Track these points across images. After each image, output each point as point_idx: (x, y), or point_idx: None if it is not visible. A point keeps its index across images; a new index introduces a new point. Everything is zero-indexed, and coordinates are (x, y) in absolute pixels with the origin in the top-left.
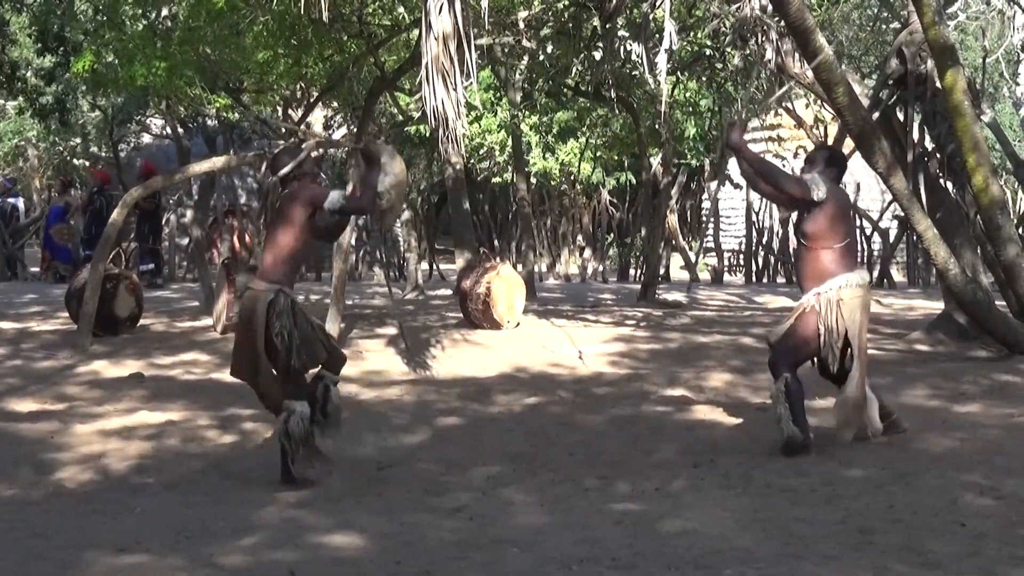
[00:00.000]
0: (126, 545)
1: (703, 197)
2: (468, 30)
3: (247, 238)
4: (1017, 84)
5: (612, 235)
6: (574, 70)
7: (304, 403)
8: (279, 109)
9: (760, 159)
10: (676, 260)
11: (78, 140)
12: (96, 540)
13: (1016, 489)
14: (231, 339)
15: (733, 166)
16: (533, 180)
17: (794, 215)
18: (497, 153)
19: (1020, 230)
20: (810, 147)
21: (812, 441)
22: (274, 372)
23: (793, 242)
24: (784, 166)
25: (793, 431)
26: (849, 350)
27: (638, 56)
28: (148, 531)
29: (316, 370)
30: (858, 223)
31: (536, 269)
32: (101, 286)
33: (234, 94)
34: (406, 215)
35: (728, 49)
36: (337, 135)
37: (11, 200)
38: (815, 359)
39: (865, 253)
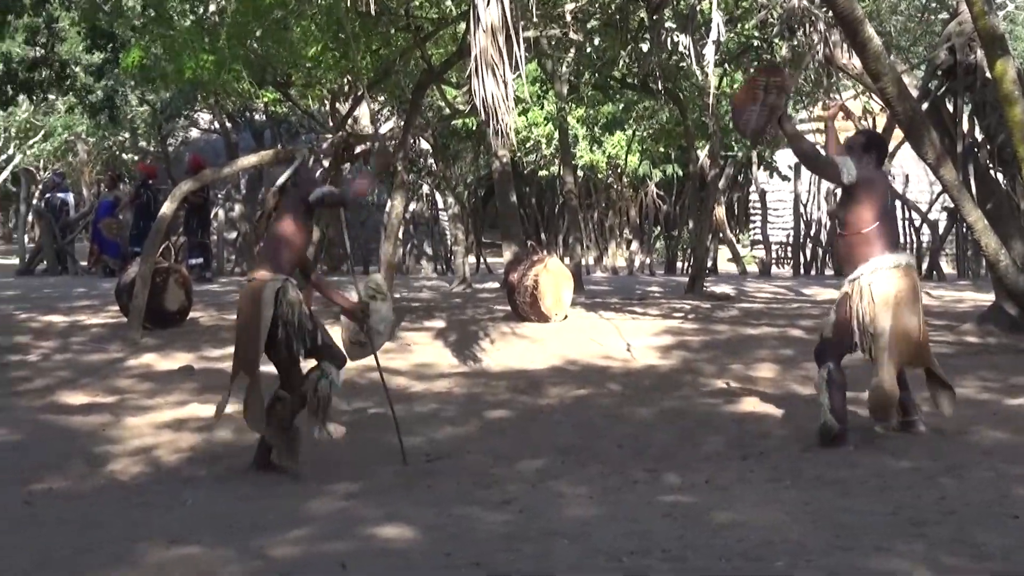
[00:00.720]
0: (177, 537)
1: (750, 189)
2: (516, 22)
3: None
4: None
5: (659, 227)
6: (621, 62)
7: (338, 372)
8: (326, 103)
9: (798, 136)
10: (723, 252)
11: (127, 135)
12: (147, 532)
13: None
14: None
15: (781, 158)
16: (580, 173)
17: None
18: (544, 146)
19: None
20: None
21: (849, 432)
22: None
23: None
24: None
25: (829, 420)
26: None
27: (685, 48)
28: (199, 523)
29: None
30: (907, 214)
31: (583, 262)
32: (151, 280)
33: (282, 88)
34: (454, 209)
35: (776, 40)
36: (384, 128)
37: (60, 195)
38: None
39: (914, 245)
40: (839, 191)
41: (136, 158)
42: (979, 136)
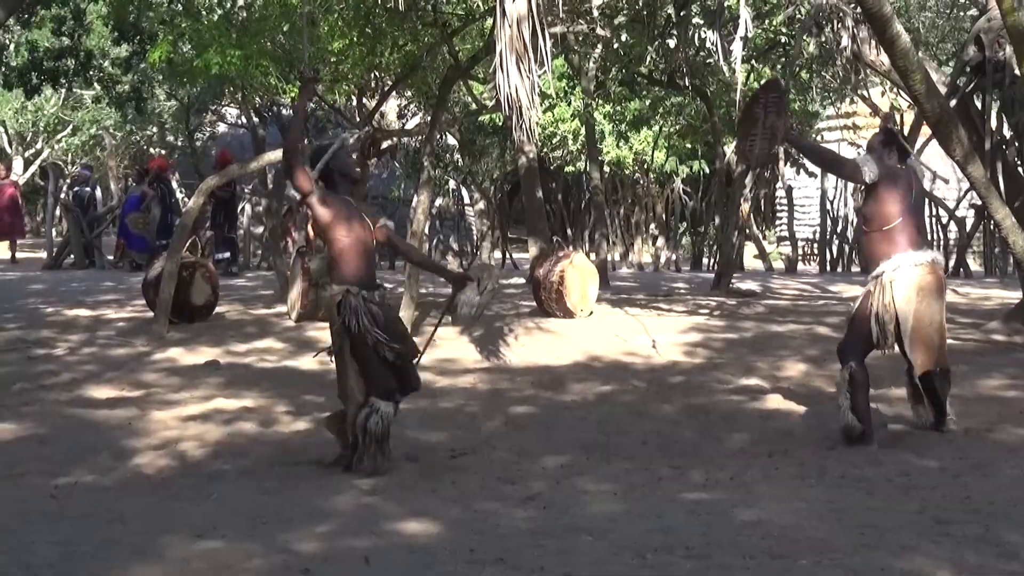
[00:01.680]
0: (202, 531)
1: (777, 186)
2: (542, 18)
3: None
4: None
5: (685, 224)
6: (648, 58)
7: (389, 403)
8: (353, 98)
9: (811, 145)
10: (750, 249)
11: (154, 130)
12: (172, 526)
13: None
14: (305, 327)
15: None
16: (606, 169)
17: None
18: (570, 142)
19: None
20: None
21: (872, 431)
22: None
23: None
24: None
25: (850, 420)
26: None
27: (713, 44)
28: (224, 517)
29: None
30: (934, 211)
31: (609, 258)
32: (178, 274)
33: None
34: (480, 204)
35: (804, 36)
36: (411, 124)
37: (88, 189)
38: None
39: (941, 242)
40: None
41: (163, 152)
42: (1008, 133)
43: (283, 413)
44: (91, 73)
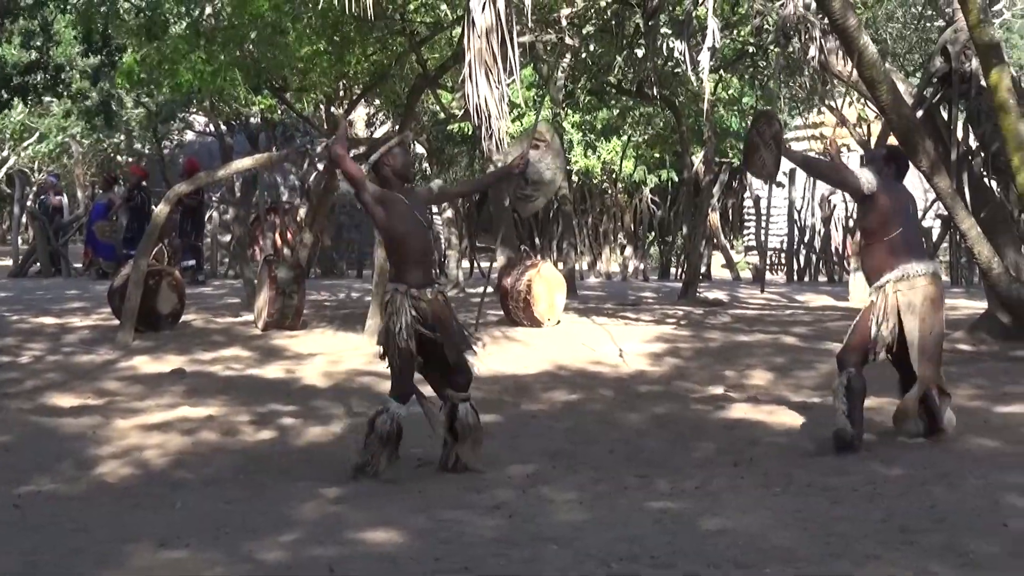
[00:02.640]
0: (166, 540)
1: (745, 195)
2: (511, 27)
3: (288, 235)
4: None
5: (653, 233)
6: (616, 68)
7: (401, 405)
8: (321, 107)
9: (808, 159)
10: (717, 258)
11: (122, 137)
12: (136, 535)
13: None
14: (272, 335)
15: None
16: (575, 178)
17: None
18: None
19: None
20: (853, 146)
21: (861, 440)
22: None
23: (835, 241)
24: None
25: (844, 424)
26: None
27: (681, 54)
28: (188, 526)
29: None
30: None
31: (577, 267)
32: (144, 282)
33: (277, 92)
34: (448, 213)
35: (771, 47)
36: (379, 133)
37: (55, 197)
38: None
39: None
40: (832, 197)
41: (131, 160)
42: (973, 144)
43: (248, 422)
44: (61, 87)
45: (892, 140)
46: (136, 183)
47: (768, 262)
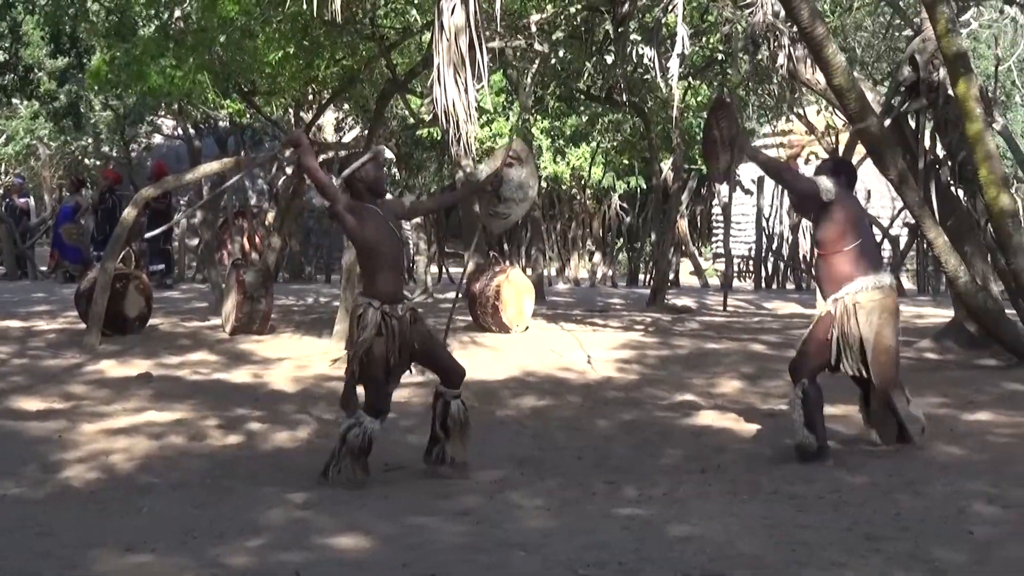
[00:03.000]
0: (132, 544)
1: (713, 202)
2: (480, 32)
3: (256, 239)
4: None
5: (622, 240)
6: (586, 74)
7: (375, 420)
8: (290, 111)
9: (770, 161)
10: (686, 265)
11: (89, 140)
12: (102, 539)
13: None
14: (239, 339)
15: (744, 172)
16: (544, 184)
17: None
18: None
19: None
20: (821, 153)
21: (828, 448)
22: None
23: (803, 248)
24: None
25: (806, 437)
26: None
27: (650, 60)
28: (154, 531)
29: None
30: None
31: (545, 273)
32: (111, 286)
33: (245, 96)
34: (417, 219)
35: (740, 54)
36: (348, 138)
37: (22, 199)
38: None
39: None
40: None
41: (99, 163)
42: (941, 153)
43: (215, 426)
44: (30, 88)
45: (860, 149)
46: (108, 187)
47: (736, 269)
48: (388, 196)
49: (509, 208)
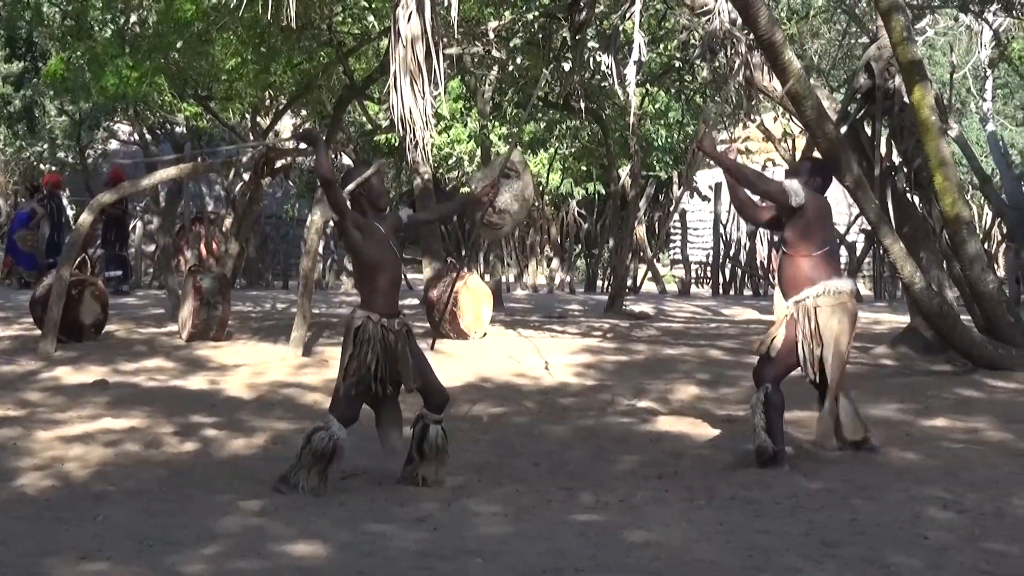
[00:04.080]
0: (87, 553)
1: (671, 209)
2: (437, 38)
3: (214, 245)
4: (984, 100)
5: (580, 246)
6: (543, 81)
7: (343, 428)
8: (247, 116)
9: (737, 165)
10: (644, 271)
11: (45, 146)
12: (57, 547)
13: (978, 503)
14: (196, 346)
15: (701, 178)
16: None
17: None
18: (466, 163)
19: (985, 245)
20: (779, 160)
21: (786, 454)
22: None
23: (761, 254)
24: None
25: (765, 441)
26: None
27: (607, 67)
28: (110, 539)
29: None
30: None
31: (503, 279)
32: (67, 292)
33: (203, 101)
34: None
35: (697, 61)
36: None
37: None
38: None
39: None
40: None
41: (55, 169)
42: (897, 160)
43: (171, 434)
44: None
45: (817, 155)
46: (49, 190)
47: (694, 275)
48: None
49: (503, 219)
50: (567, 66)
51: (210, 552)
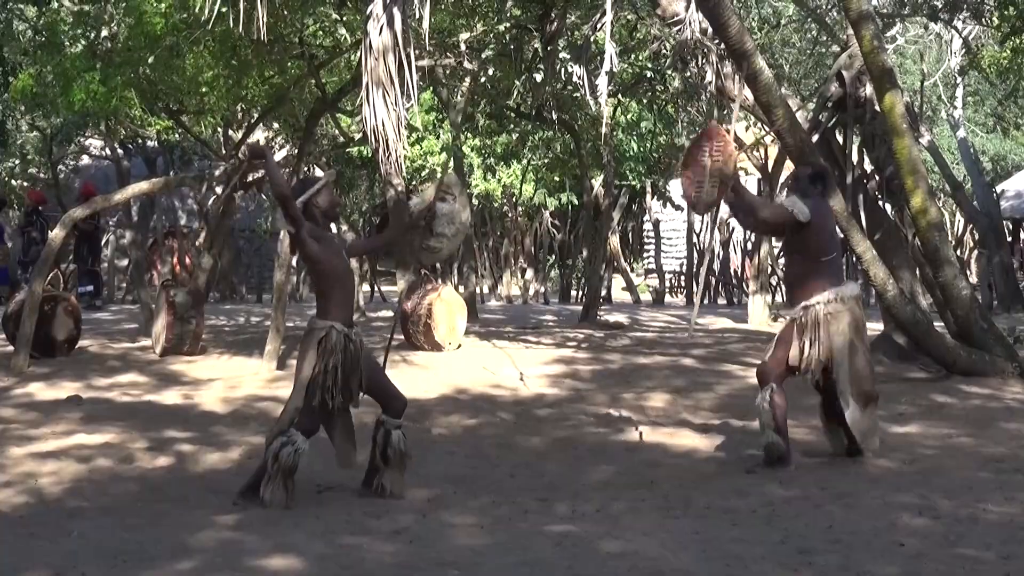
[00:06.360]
0: (61, 569)
1: (644, 219)
2: (409, 50)
3: (187, 259)
4: (955, 107)
5: (554, 256)
6: (515, 92)
7: (306, 440)
8: (219, 130)
9: (754, 202)
10: (618, 281)
11: (16, 161)
12: (31, 564)
13: (953, 509)
14: (170, 360)
15: (674, 187)
16: (475, 202)
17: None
18: (439, 175)
19: (957, 252)
20: (751, 169)
21: (791, 453)
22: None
23: (734, 263)
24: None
25: (774, 439)
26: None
27: (579, 78)
28: (84, 555)
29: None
30: None
31: (478, 291)
32: (39, 308)
33: (174, 115)
34: (348, 236)
35: (669, 71)
36: (277, 157)
37: None
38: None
39: None
40: (732, 221)
41: (26, 184)
42: (868, 168)
43: (145, 449)
44: None
45: (788, 164)
46: (34, 207)
47: (668, 284)
48: None
49: (440, 242)
50: (539, 77)
51: (185, 567)
